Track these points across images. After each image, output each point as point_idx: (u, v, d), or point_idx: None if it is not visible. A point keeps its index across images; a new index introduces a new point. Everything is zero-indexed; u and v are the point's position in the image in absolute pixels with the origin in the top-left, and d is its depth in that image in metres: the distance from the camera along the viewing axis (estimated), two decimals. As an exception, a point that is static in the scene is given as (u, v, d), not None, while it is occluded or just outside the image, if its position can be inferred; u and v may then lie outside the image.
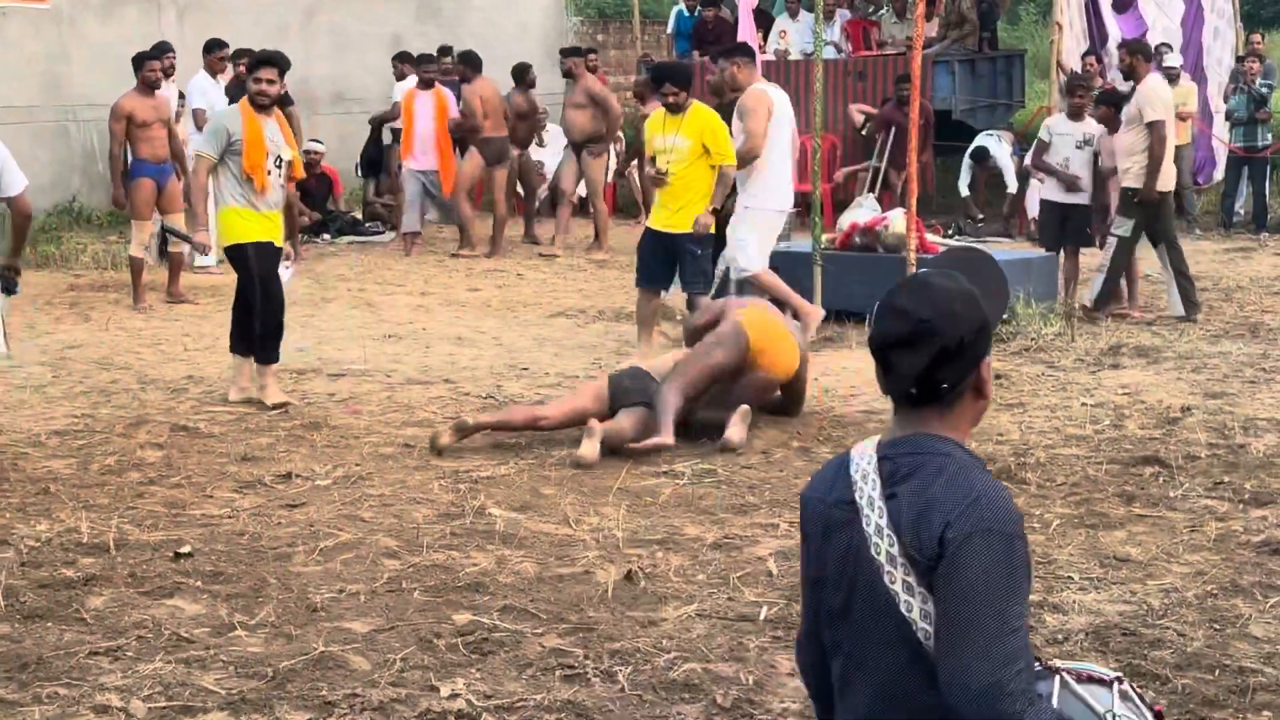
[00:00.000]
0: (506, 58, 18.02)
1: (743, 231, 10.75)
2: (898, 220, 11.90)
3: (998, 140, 17.51)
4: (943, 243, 12.80)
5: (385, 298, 13.39)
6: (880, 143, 17.43)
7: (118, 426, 8.70)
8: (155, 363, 9.85)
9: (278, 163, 9.26)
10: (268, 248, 9.25)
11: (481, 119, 15.98)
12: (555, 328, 11.88)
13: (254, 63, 9.52)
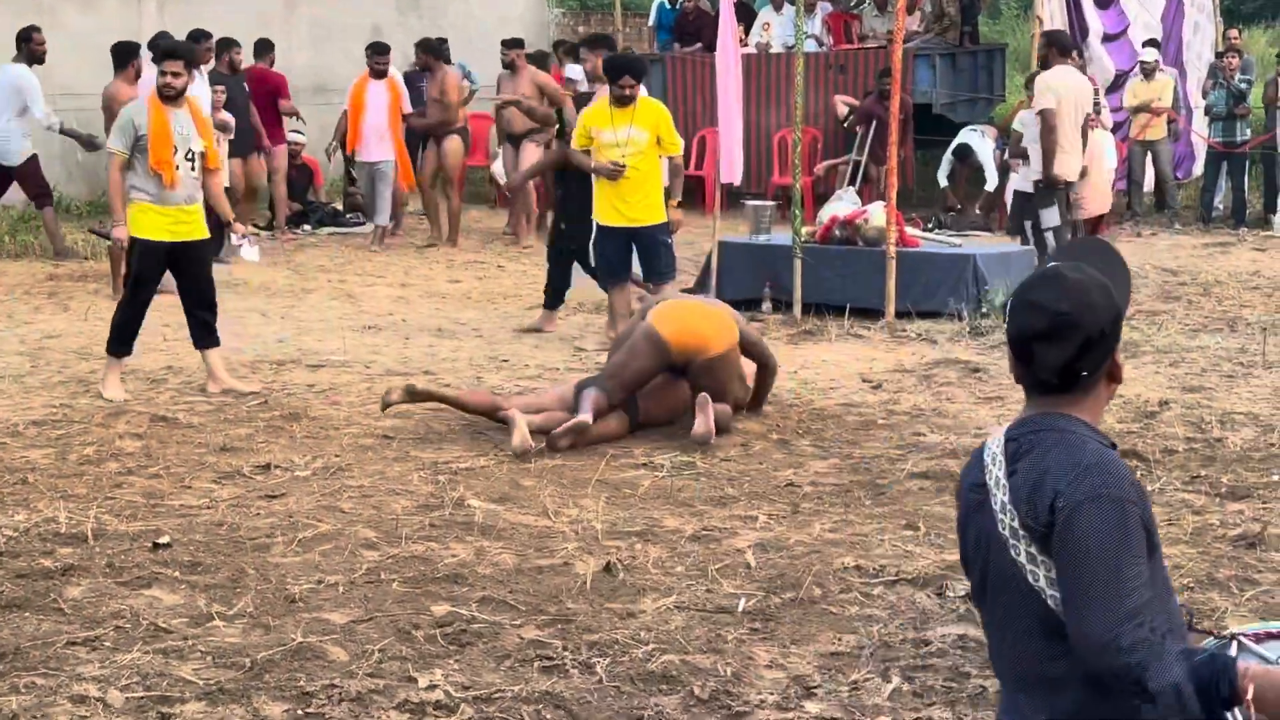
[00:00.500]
0: (488, 50, 17.96)
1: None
2: (877, 213, 11.91)
3: (980, 136, 17.50)
4: (923, 236, 12.81)
5: (365, 289, 13.36)
6: (860, 136, 17.42)
7: (96, 416, 8.68)
8: (134, 353, 9.79)
9: (189, 155, 9.08)
10: (162, 248, 9.07)
11: (458, 109, 15.89)
12: (535, 319, 11.87)
13: (159, 55, 9.36)
